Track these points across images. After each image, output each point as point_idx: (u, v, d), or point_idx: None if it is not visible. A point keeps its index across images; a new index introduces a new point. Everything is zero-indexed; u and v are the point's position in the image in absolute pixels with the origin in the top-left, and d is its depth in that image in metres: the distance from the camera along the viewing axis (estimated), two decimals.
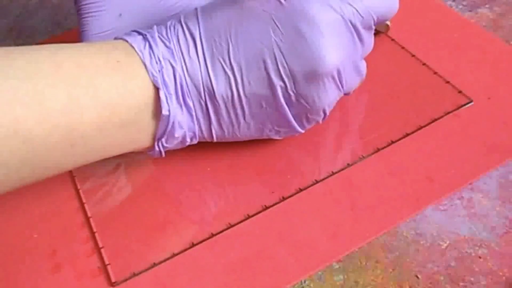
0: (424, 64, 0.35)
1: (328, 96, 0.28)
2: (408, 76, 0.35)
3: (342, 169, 0.30)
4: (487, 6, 0.41)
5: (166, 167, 0.31)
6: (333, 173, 0.30)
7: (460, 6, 0.41)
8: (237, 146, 0.31)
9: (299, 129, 0.29)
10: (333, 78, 0.27)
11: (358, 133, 0.32)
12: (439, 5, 0.40)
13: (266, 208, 0.29)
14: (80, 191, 0.30)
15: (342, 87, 0.28)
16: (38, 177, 0.26)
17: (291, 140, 0.32)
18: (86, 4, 0.30)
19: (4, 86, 0.23)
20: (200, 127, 0.28)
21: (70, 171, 0.31)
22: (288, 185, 0.30)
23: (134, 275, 0.26)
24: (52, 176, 0.26)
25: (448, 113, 0.32)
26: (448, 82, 0.34)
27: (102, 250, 0.27)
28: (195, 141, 0.29)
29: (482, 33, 0.38)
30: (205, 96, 0.27)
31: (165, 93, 0.26)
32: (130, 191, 0.30)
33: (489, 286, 0.26)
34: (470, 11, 0.40)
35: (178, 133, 0.27)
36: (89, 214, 0.29)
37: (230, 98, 0.27)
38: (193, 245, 0.27)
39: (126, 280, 0.26)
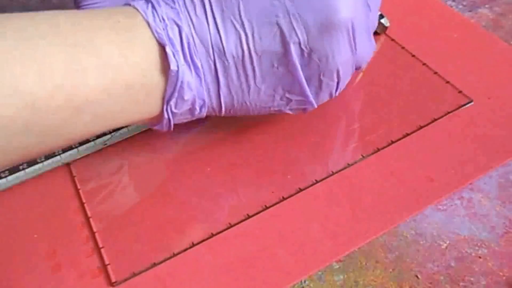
0: (424, 64, 0.35)
1: (341, 54, 0.27)
2: (408, 76, 0.35)
3: (342, 169, 0.30)
4: (487, 6, 0.41)
5: (166, 167, 0.31)
6: (333, 173, 0.30)
7: (460, 6, 0.41)
8: (237, 146, 0.32)
9: (311, 99, 0.28)
10: (347, 32, 0.26)
11: (358, 133, 0.32)
12: (439, 5, 0.40)
13: (266, 208, 0.29)
14: (80, 191, 0.30)
15: (355, 48, 0.27)
16: (44, 146, 0.25)
17: (291, 140, 0.32)
18: (86, 5, 0.30)
19: (1, 47, 0.22)
20: (209, 92, 0.27)
21: (70, 171, 0.31)
22: (288, 185, 0.30)
23: (134, 275, 0.26)
24: (58, 147, 0.25)
25: (448, 113, 0.32)
26: (448, 82, 0.34)
27: (102, 250, 0.27)
28: (204, 112, 0.28)
29: (482, 33, 0.38)
30: (214, 55, 0.26)
31: (171, 50, 0.25)
32: (130, 191, 0.30)
33: (489, 286, 0.26)
34: (470, 11, 0.40)
35: (187, 95, 0.26)
36: (89, 214, 0.29)
37: (240, 56, 0.26)
38: (193, 245, 0.27)
39: (126, 280, 0.26)
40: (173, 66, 0.25)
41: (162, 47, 0.25)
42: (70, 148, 0.31)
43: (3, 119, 0.22)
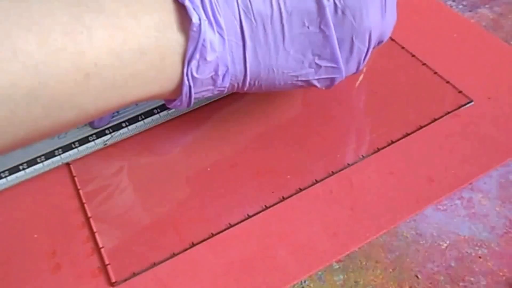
0: (424, 64, 0.35)
1: (374, 14, 0.26)
2: (408, 76, 0.35)
3: (342, 169, 0.30)
4: (487, 6, 0.41)
5: (166, 167, 0.31)
6: (333, 173, 0.30)
7: (460, 6, 0.41)
8: (237, 146, 0.31)
9: (342, 65, 0.27)
10: None
11: (358, 133, 0.32)
12: (439, 5, 0.40)
13: (266, 208, 0.29)
14: (80, 191, 0.30)
15: (385, 11, 0.26)
16: (53, 120, 0.22)
17: (291, 140, 0.32)
18: None
19: None
20: (232, 56, 0.25)
21: (71, 171, 0.31)
22: (288, 185, 0.30)
23: (134, 275, 0.26)
24: (70, 121, 0.23)
25: (448, 113, 0.32)
26: (448, 82, 0.34)
27: (102, 250, 0.27)
28: (226, 82, 0.26)
29: (482, 33, 0.38)
30: (239, 14, 0.24)
31: (191, 5, 0.23)
32: (130, 191, 0.30)
33: (489, 286, 0.26)
34: (470, 11, 0.40)
35: (210, 56, 0.24)
36: (89, 214, 0.29)
37: (269, 14, 0.24)
38: (193, 245, 0.27)
39: (126, 280, 0.26)
40: (194, 19, 0.23)
41: (178, 5, 0.23)
42: (70, 148, 0.31)
43: (5, 86, 0.20)
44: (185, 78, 0.25)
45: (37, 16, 0.21)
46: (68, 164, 0.31)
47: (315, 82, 0.28)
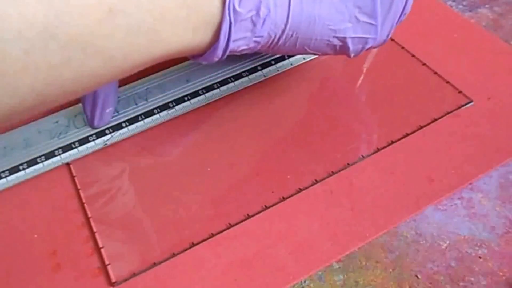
0: (424, 64, 0.35)
1: None
2: (408, 76, 0.35)
3: (342, 169, 0.30)
4: (487, 6, 0.41)
5: (166, 167, 0.31)
6: (333, 173, 0.30)
7: (460, 6, 0.41)
8: (237, 146, 0.31)
9: (378, 22, 0.26)
10: None
11: (358, 133, 0.32)
12: (439, 5, 0.40)
13: (266, 208, 0.29)
14: (80, 191, 0.30)
15: None
16: (75, 68, 0.19)
17: (291, 140, 0.32)
18: None
19: None
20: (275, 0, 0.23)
21: (70, 172, 0.31)
22: (288, 185, 0.30)
23: (134, 275, 0.26)
24: (96, 73, 0.20)
25: (448, 113, 0.32)
26: (448, 82, 0.34)
27: (102, 250, 0.27)
28: (265, 30, 0.24)
29: (482, 33, 0.38)
30: None
31: None
32: (130, 191, 0.30)
33: (489, 286, 0.26)
34: (470, 11, 0.40)
35: None
36: (89, 214, 0.29)
37: None
38: (193, 245, 0.27)
39: (126, 280, 0.26)
40: None
41: None
42: (70, 148, 0.31)
43: (15, 21, 0.17)
44: (226, 12, 0.22)
45: None
46: (68, 164, 0.31)
47: (349, 42, 0.27)
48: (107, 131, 0.32)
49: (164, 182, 0.30)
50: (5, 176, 0.30)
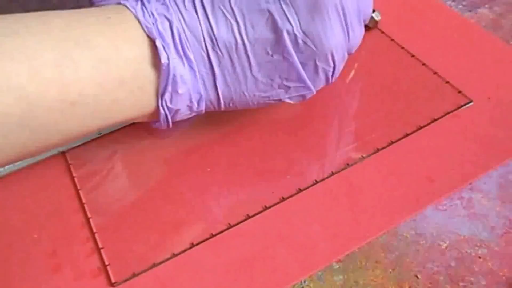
0: (424, 64, 0.35)
1: (335, 35, 0.27)
2: (408, 76, 0.35)
3: (342, 169, 0.30)
4: (487, 6, 0.41)
5: (166, 167, 0.31)
6: (333, 173, 0.30)
7: (460, 6, 0.41)
8: (237, 146, 0.31)
9: (310, 84, 0.28)
10: (337, 11, 0.27)
11: (358, 133, 0.32)
12: (439, 5, 0.40)
13: (266, 208, 0.29)
14: (80, 191, 0.30)
15: (347, 29, 0.28)
16: (41, 143, 0.25)
17: (291, 140, 0.32)
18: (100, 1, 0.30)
19: None
20: (204, 84, 0.27)
21: (70, 172, 0.31)
22: (288, 185, 0.30)
23: (134, 275, 0.26)
24: (57, 143, 0.26)
25: (448, 113, 0.32)
26: (448, 82, 0.34)
27: (102, 250, 0.27)
28: (202, 107, 0.28)
29: (482, 33, 0.38)
30: (206, 47, 0.26)
31: (162, 43, 0.25)
32: (130, 192, 0.30)
33: (489, 286, 0.26)
34: (470, 11, 0.41)
35: (182, 89, 0.26)
36: (89, 214, 0.29)
37: (234, 46, 0.26)
38: (193, 245, 0.27)
39: (126, 280, 0.26)
40: (163, 59, 0.25)
41: (153, 42, 0.25)
42: None
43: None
44: (160, 108, 0.27)
45: (30, 52, 0.23)
46: (67, 163, 0.31)
47: (287, 100, 0.29)
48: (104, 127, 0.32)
49: (164, 183, 0.30)
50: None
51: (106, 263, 0.27)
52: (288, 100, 0.29)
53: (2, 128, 0.23)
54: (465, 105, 0.33)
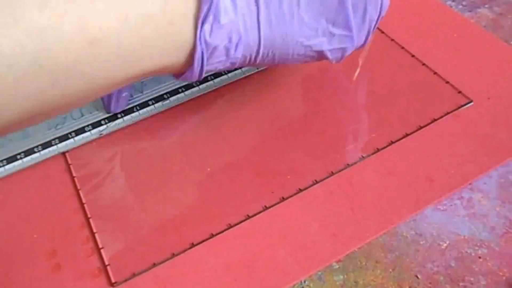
0: (424, 64, 0.35)
1: None
2: (408, 76, 0.35)
3: (342, 169, 0.30)
4: (487, 6, 0.41)
5: (166, 167, 0.31)
6: (333, 173, 0.30)
7: (460, 6, 0.41)
8: (237, 146, 0.31)
9: (354, 32, 0.27)
10: None
11: (358, 133, 0.32)
12: (439, 5, 0.40)
13: (266, 208, 0.29)
14: (80, 191, 0.30)
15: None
16: (62, 91, 0.22)
17: (291, 140, 0.32)
18: None
19: None
20: (245, 24, 0.24)
21: (70, 172, 0.31)
22: (288, 185, 0.30)
23: (134, 275, 0.26)
24: (82, 94, 0.22)
25: (448, 113, 0.32)
26: (448, 82, 0.34)
27: (102, 251, 0.27)
28: (239, 52, 0.25)
29: (482, 33, 0.38)
30: None
31: None
32: (130, 192, 0.30)
33: (489, 286, 0.26)
34: (470, 11, 0.41)
35: (224, 19, 0.23)
36: (89, 215, 0.29)
37: None
38: (193, 245, 0.27)
39: (126, 280, 0.26)
40: None
41: None
42: (67, 138, 0.32)
43: (8, 54, 0.19)
44: (198, 43, 0.24)
45: None
46: (64, 154, 0.32)
47: (328, 53, 0.28)
48: (102, 122, 0.33)
49: (164, 183, 0.30)
50: (3, 165, 0.31)
51: (106, 263, 0.27)
52: (328, 55, 0.27)
53: (13, 70, 0.20)
54: (465, 105, 0.33)
